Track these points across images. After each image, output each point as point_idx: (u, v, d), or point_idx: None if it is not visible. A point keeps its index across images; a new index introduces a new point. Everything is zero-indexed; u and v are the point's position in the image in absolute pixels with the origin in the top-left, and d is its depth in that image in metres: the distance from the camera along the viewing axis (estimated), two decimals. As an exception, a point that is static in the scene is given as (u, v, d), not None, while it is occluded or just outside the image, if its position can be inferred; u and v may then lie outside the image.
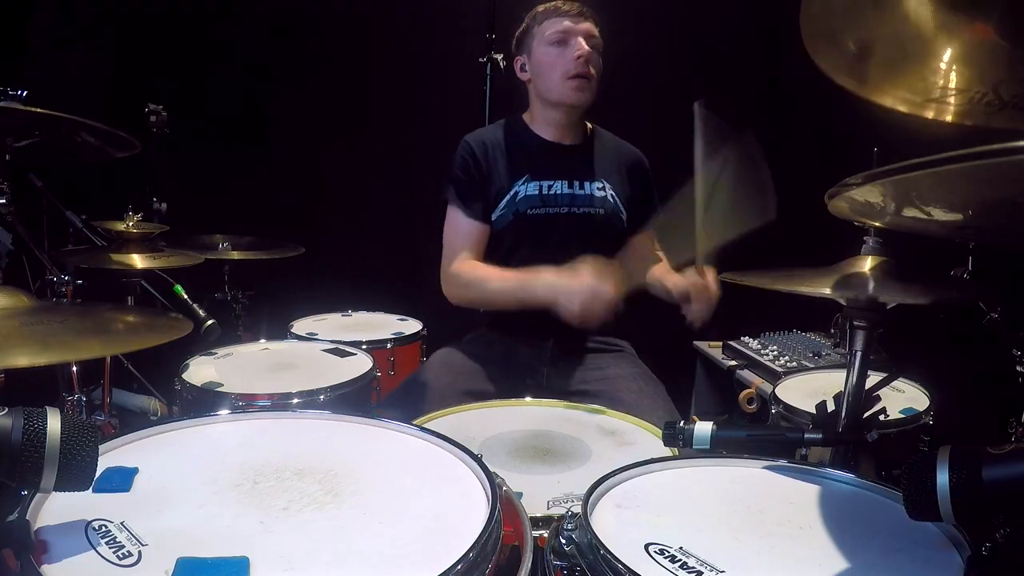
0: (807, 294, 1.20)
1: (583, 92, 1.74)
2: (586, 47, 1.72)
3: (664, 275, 1.81)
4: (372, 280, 3.06)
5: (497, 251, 1.81)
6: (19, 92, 1.55)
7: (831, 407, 1.17)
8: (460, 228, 1.80)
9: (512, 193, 1.79)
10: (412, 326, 2.30)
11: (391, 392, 1.77)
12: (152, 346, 1.02)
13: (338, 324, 2.38)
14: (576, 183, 1.81)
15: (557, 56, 1.74)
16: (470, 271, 1.75)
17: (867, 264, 1.21)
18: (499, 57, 2.50)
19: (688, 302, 1.57)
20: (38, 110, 1.44)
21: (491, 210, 1.80)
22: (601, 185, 1.82)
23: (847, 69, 1.14)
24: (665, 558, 0.78)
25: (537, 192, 1.78)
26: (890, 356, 1.90)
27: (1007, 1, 0.94)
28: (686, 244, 1.47)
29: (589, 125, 1.91)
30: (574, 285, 1.47)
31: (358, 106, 3.14)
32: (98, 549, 0.71)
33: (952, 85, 1.06)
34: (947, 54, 1.05)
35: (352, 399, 1.62)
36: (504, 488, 0.90)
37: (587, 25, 1.76)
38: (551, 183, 1.80)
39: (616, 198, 1.84)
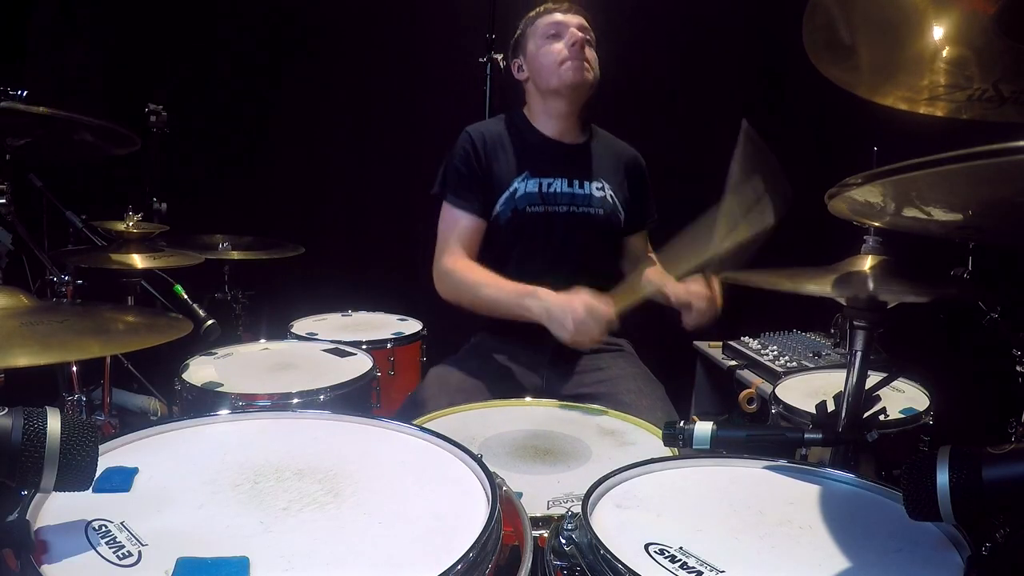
0: (807, 294, 1.20)
1: (580, 72, 1.75)
2: (579, 34, 1.75)
3: (662, 280, 1.80)
4: (372, 280, 3.06)
5: (494, 248, 1.81)
6: (19, 92, 1.55)
7: (831, 407, 1.17)
8: (455, 222, 1.78)
9: (512, 189, 1.78)
10: (412, 326, 2.30)
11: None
12: (152, 346, 1.03)
13: (338, 324, 2.38)
14: (576, 182, 1.81)
15: (552, 46, 1.77)
16: (464, 271, 1.72)
17: (867, 264, 1.21)
18: (499, 57, 2.50)
19: (688, 310, 1.59)
20: (38, 109, 1.44)
21: (490, 205, 1.79)
22: (600, 185, 1.82)
23: (848, 71, 1.14)
24: (665, 558, 0.78)
25: (537, 190, 1.78)
26: (890, 356, 1.90)
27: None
28: (695, 254, 1.49)
29: (590, 125, 1.91)
30: (569, 305, 1.44)
31: (358, 106, 3.14)
32: (98, 549, 0.71)
33: (953, 82, 1.06)
34: (947, 50, 1.05)
35: (352, 399, 1.62)
36: (504, 488, 0.90)
37: (578, 19, 1.79)
38: (551, 181, 1.79)
39: (615, 198, 1.84)
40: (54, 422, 0.68)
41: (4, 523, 0.70)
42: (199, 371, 1.67)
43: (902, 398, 1.76)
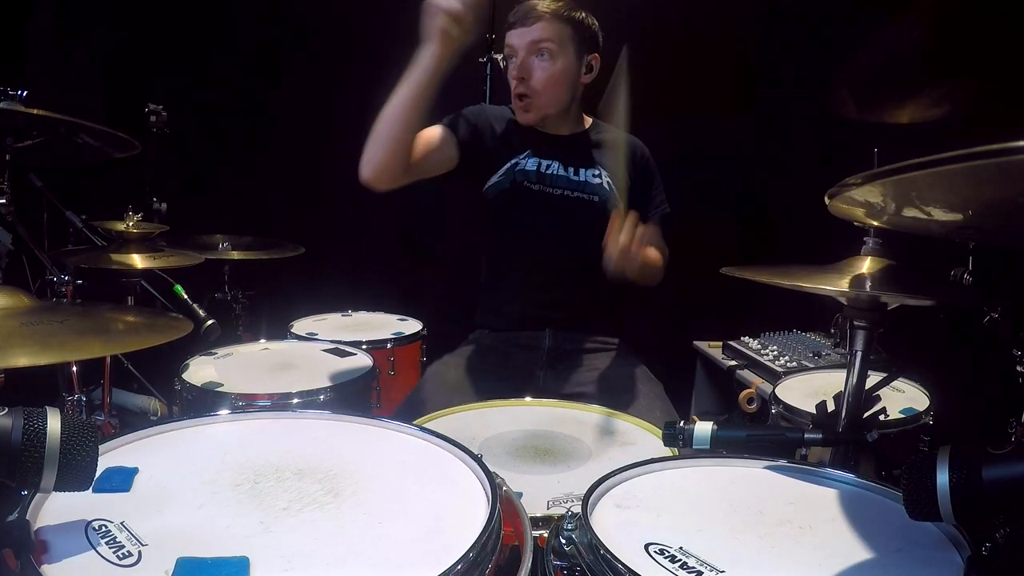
0: (807, 289, 1.20)
1: (526, 112, 1.75)
2: (518, 64, 1.71)
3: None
4: (372, 280, 3.06)
5: (492, 218, 1.81)
6: (19, 92, 1.55)
7: (831, 407, 1.17)
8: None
9: (512, 163, 1.79)
10: (412, 326, 2.30)
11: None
12: (152, 346, 1.02)
13: (338, 324, 2.38)
14: (572, 168, 1.81)
15: (509, 72, 1.76)
16: None
17: (867, 264, 1.21)
18: (499, 57, 2.49)
19: (608, 254, 1.42)
20: (38, 112, 1.44)
21: (487, 176, 1.79)
22: (597, 172, 1.83)
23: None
24: (665, 558, 0.78)
25: (535, 168, 1.79)
26: (890, 356, 1.90)
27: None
28: None
29: (588, 118, 1.90)
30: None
31: (358, 106, 3.14)
32: (98, 549, 0.71)
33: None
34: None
35: (352, 399, 1.62)
36: (504, 488, 0.90)
37: (532, 33, 1.69)
38: (549, 163, 1.80)
39: (612, 186, 1.83)
40: (54, 422, 0.68)
41: (4, 523, 0.70)
42: (199, 371, 1.67)
43: (902, 398, 1.76)
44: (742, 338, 2.64)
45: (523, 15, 1.72)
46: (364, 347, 1.96)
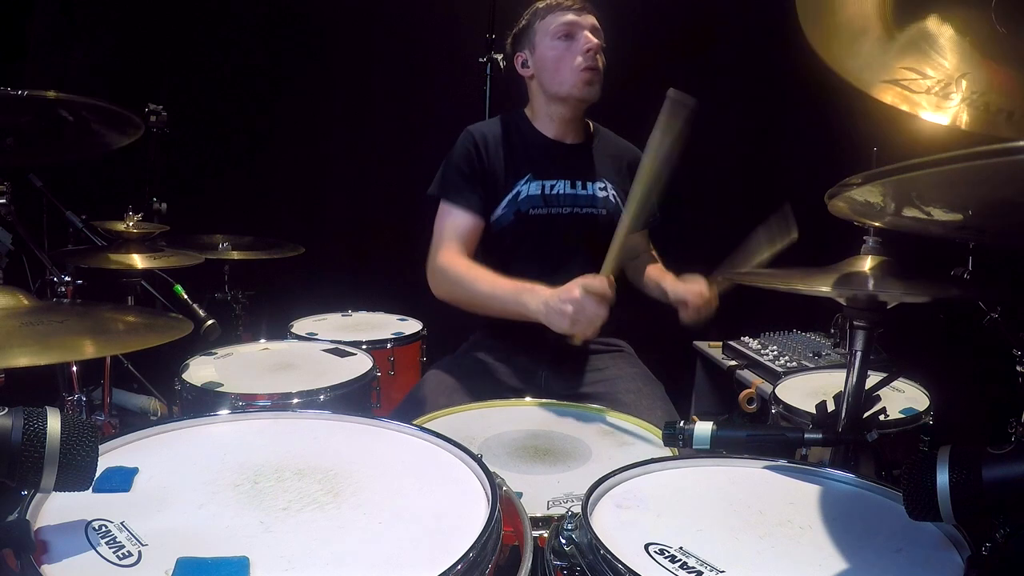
0: (807, 293, 1.20)
1: (592, 85, 1.73)
2: (594, 39, 1.72)
3: (661, 277, 1.82)
4: (372, 280, 3.06)
5: (496, 251, 1.80)
6: (19, 92, 1.55)
7: (831, 407, 1.17)
8: (453, 220, 1.74)
9: (514, 192, 1.77)
10: (412, 326, 2.30)
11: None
12: (152, 346, 1.03)
13: (338, 324, 2.38)
14: (579, 183, 1.80)
15: (565, 49, 1.73)
16: (460, 268, 1.66)
17: (867, 264, 1.21)
18: (499, 57, 2.49)
19: (685, 307, 1.64)
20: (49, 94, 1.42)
21: (491, 208, 1.78)
22: (603, 185, 1.82)
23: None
24: (665, 558, 0.78)
25: (539, 192, 1.77)
26: (890, 356, 1.90)
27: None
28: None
29: (590, 124, 1.90)
30: (565, 291, 1.41)
31: (358, 106, 3.14)
32: (98, 549, 0.71)
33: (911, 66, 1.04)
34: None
35: (352, 399, 1.62)
36: (504, 488, 0.90)
37: (591, 19, 1.76)
38: (553, 183, 1.78)
39: (617, 198, 1.83)
40: (54, 422, 0.68)
41: (4, 523, 0.70)
42: (199, 371, 1.67)
43: (902, 398, 1.76)
44: (742, 338, 2.65)
45: (576, 4, 1.75)
46: (364, 347, 1.96)
